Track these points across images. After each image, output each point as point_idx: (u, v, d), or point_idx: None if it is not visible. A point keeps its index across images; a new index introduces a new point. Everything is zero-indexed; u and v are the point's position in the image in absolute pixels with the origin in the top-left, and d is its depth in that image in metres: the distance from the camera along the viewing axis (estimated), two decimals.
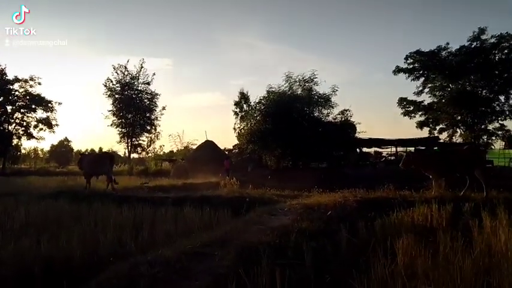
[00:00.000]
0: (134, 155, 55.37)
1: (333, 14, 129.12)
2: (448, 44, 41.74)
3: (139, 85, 48.97)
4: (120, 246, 7.40)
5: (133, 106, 48.08)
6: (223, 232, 6.69)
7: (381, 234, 6.53)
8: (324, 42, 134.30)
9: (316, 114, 33.60)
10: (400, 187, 13.03)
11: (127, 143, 49.91)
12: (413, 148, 36.47)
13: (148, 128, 50.49)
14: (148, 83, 49.20)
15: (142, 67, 48.58)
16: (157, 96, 49.88)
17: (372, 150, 39.46)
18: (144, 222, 9.57)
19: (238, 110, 42.34)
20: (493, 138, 41.53)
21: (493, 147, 41.29)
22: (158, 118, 50.58)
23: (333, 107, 33.78)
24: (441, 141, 39.31)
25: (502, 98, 40.17)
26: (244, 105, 41.70)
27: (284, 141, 30.88)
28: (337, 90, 33.72)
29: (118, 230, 8.80)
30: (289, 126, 31.10)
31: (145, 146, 52.72)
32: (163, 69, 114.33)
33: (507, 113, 39.84)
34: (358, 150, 35.53)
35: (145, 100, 49.43)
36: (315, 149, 30.97)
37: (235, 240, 5.98)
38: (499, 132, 41.02)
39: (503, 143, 37.97)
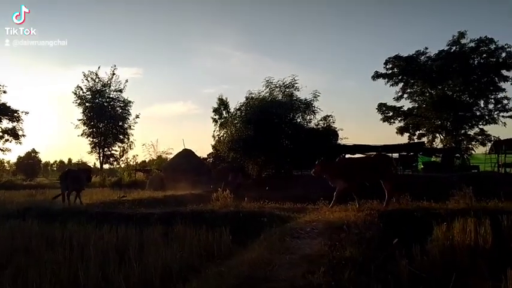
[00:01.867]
0: (106, 166, 53.15)
1: (305, 23, 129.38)
2: (426, 48, 41.70)
3: (111, 93, 46.95)
4: (105, 282, 5.94)
5: (105, 115, 45.97)
6: (248, 266, 5.27)
7: (442, 262, 5.29)
8: (296, 50, 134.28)
9: (299, 120, 32.56)
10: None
11: (99, 153, 47.70)
12: (397, 154, 35.99)
13: (121, 137, 48.40)
14: (120, 91, 47.22)
15: (114, 74, 46.64)
16: (130, 104, 47.97)
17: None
18: (130, 246, 8.08)
19: (217, 117, 40.96)
20: (473, 143, 41.42)
21: (473, 152, 41.15)
22: (131, 127, 48.61)
23: (315, 113, 32.89)
24: (426, 146, 38.82)
25: (481, 102, 40.12)
26: (224, 112, 40.35)
27: (267, 148, 29.65)
28: (318, 95, 32.86)
29: (100, 256, 7.32)
30: (272, 133, 29.96)
31: (118, 156, 50.56)
32: (132, 78, 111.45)
33: (487, 117, 39.73)
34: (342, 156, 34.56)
35: (118, 108, 47.38)
36: (298, 156, 29.85)
37: (272, 280, 4.58)
38: (479, 137, 40.89)
39: (488, 147, 37.69)
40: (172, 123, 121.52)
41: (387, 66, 42.75)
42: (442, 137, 42.39)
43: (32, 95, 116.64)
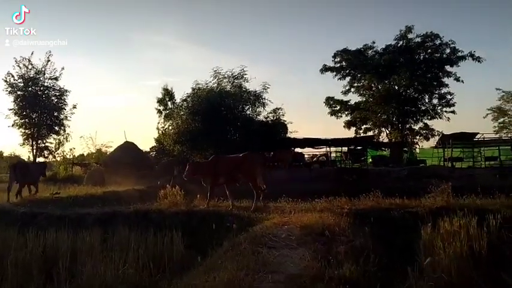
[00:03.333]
0: (40, 159, 49.50)
1: (250, 14, 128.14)
2: (374, 42, 41.82)
3: (46, 80, 43.41)
4: None
5: (38, 104, 42.43)
6: None
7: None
8: (241, 42, 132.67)
9: (248, 112, 31.51)
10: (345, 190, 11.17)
11: (32, 145, 44.10)
12: (346, 148, 35.82)
13: (57, 128, 44.97)
14: (56, 78, 43.54)
15: (49, 60, 43.05)
16: (67, 94, 44.58)
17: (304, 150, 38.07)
18: (60, 257, 6.56)
19: (162, 108, 39.00)
20: (417, 137, 42.10)
21: (417, 146, 41.88)
22: (68, 118, 45.26)
23: (264, 105, 31.98)
24: (377, 140, 38.93)
25: (426, 97, 40.73)
26: (169, 103, 38.45)
27: (215, 140, 28.34)
28: (268, 87, 32.00)
29: (19, 274, 5.78)
30: (221, 125, 28.73)
31: (54, 149, 47.12)
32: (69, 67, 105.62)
33: (431, 112, 40.40)
34: (292, 150, 33.88)
35: (53, 97, 43.86)
36: (248, 149, 28.74)
37: None
38: (423, 132, 41.62)
39: (435, 141, 38.33)
40: (112, 116, 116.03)
41: (335, 60, 42.54)
42: (387, 131, 42.81)
43: None
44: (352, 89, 43.96)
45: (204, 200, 11.60)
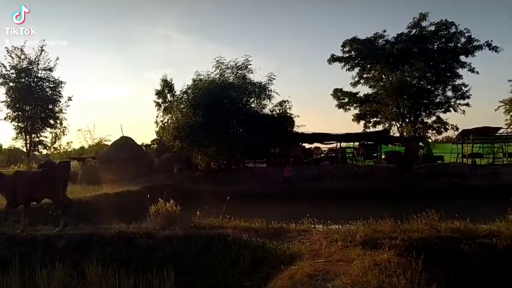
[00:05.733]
0: (37, 153, 47.59)
1: (254, 4, 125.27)
2: (384, 31, 39.58)
3: (40, 71, 41.24)
4: None
5: (32, 96, 40.31)
6: None
7: None
8: (240, 34, 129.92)
9: (253, 105, 29.34)
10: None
11: (25, 139, 42.08)
12: (357, 143, 33.70)
13: (52, 121, 42.91)
14: (50, 69, 41.39)
15: (43, 50, 40.82)
16: (62, 85, 42.42)
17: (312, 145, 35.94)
18: None
19: (161, 100, 36.88)
20: (430, 131, 40.01)
21: (430, 140, 39.68)
22: (63, 110, 43.19)
23: (270, 98, 29.80)
24: (391, 134, 36.72)
25: (439, 89, 38.50)
26: (168, 95, 36.33)
27: (218, 136, 26.20)
28: (274, 78, 29.81)
29: None
30: (223, 118, 26.57)
31: (50, 143, 45.15)
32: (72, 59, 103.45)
33: (445, 105, 38.21)
34: (301, 145, 31.80)
35: (47, 89, 41.75)
36: (253, 145, 26.67)
37: None
38: (436, 125, 39.51)
39: (454, 137, 36.12)
40: (112, 108, 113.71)
41: (344, 49, 40.26)
42: (398, 125, 40.69)
43: None
44: (362, 81, 41.90)
45: (207, 215, 9.54)
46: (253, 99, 29.43)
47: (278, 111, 30.75)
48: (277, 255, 6.34)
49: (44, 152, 47.19)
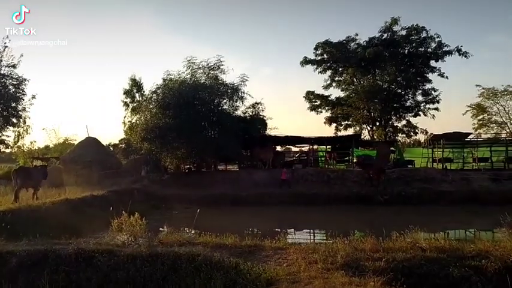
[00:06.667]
0: None
1: (224, 5, 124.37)
2: (357, 35, 39.65)
3: (2, 68, 39.38)
4: None
5: None
6: None
7: None
8: (217, 33, 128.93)
9: (225, 107, 28.67)
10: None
11: None
12: (330, 147, 33.50)
13: (15, 120, 41.07)
14: (14, 66, 39.63)
15: (6, 46, 39.06)
16: (26, 82, 40.62)
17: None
18: None
19: (129, 100, 35.70)
20: (400, 135, 40.33)
21: (399, 143, 39.90)
22: (26, 109, 41.38)
23: (243, 99, 29.19)
24: (362, 138, 36.65)
25: (410, 93, 38.78)
26: (137, 95, 35.21)
27: (188, 138, 25.42)
28: (247, 80, 29.23)
29: None
30: (194, 120, 25.81)
31: (12, 142, 43.23)
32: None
33: (415, 109, 38.53)
34: (273, 148, 31.30)
35: (10, 86, 39.92)
36: (224, 148, 26.00)
37: None
38: (406, 129, 39.85)
39: (423, 140, 36.37)
40: (77, 107, 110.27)
41: (317, 52, 40.12)
42: (369, 128, 40.79)
43: None
44: (334, 84, 41.82)
45: (175, 228, 8.88)
46: (225, 100, 28.77)
47: (251, 113, 30.30)
48: (251, 279, 5.76)
49: (8, 151, 45.31)
